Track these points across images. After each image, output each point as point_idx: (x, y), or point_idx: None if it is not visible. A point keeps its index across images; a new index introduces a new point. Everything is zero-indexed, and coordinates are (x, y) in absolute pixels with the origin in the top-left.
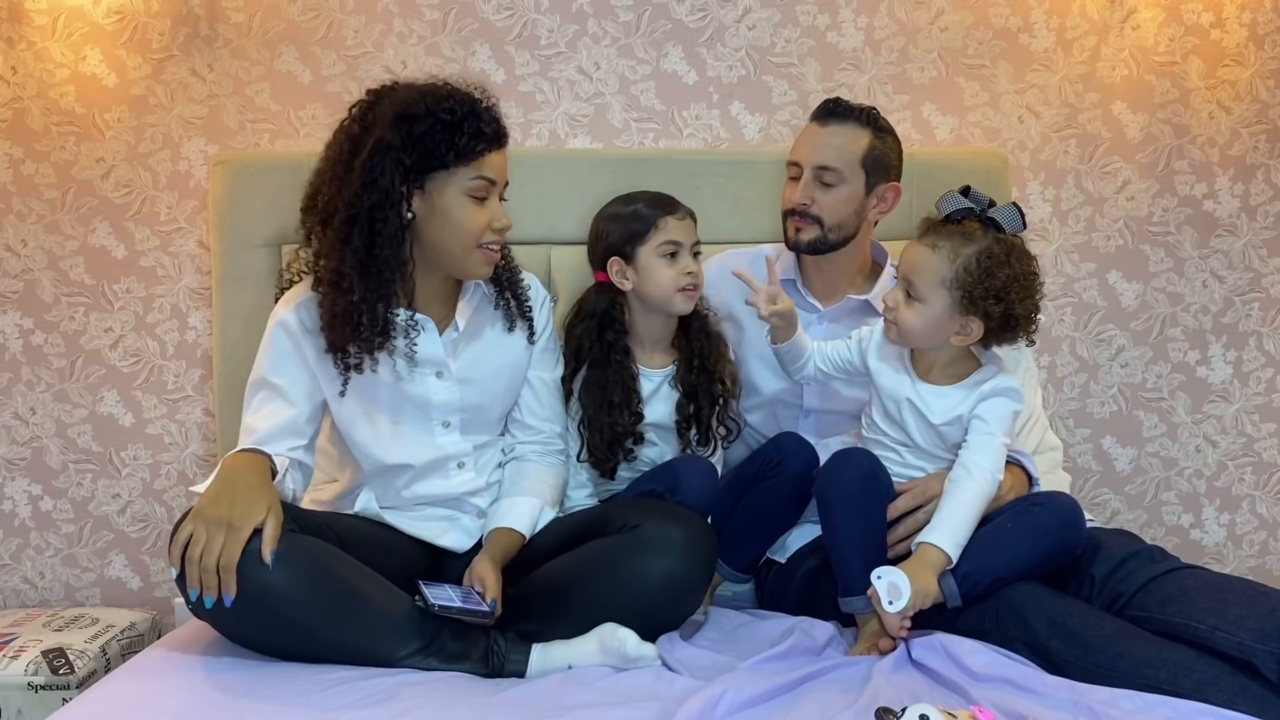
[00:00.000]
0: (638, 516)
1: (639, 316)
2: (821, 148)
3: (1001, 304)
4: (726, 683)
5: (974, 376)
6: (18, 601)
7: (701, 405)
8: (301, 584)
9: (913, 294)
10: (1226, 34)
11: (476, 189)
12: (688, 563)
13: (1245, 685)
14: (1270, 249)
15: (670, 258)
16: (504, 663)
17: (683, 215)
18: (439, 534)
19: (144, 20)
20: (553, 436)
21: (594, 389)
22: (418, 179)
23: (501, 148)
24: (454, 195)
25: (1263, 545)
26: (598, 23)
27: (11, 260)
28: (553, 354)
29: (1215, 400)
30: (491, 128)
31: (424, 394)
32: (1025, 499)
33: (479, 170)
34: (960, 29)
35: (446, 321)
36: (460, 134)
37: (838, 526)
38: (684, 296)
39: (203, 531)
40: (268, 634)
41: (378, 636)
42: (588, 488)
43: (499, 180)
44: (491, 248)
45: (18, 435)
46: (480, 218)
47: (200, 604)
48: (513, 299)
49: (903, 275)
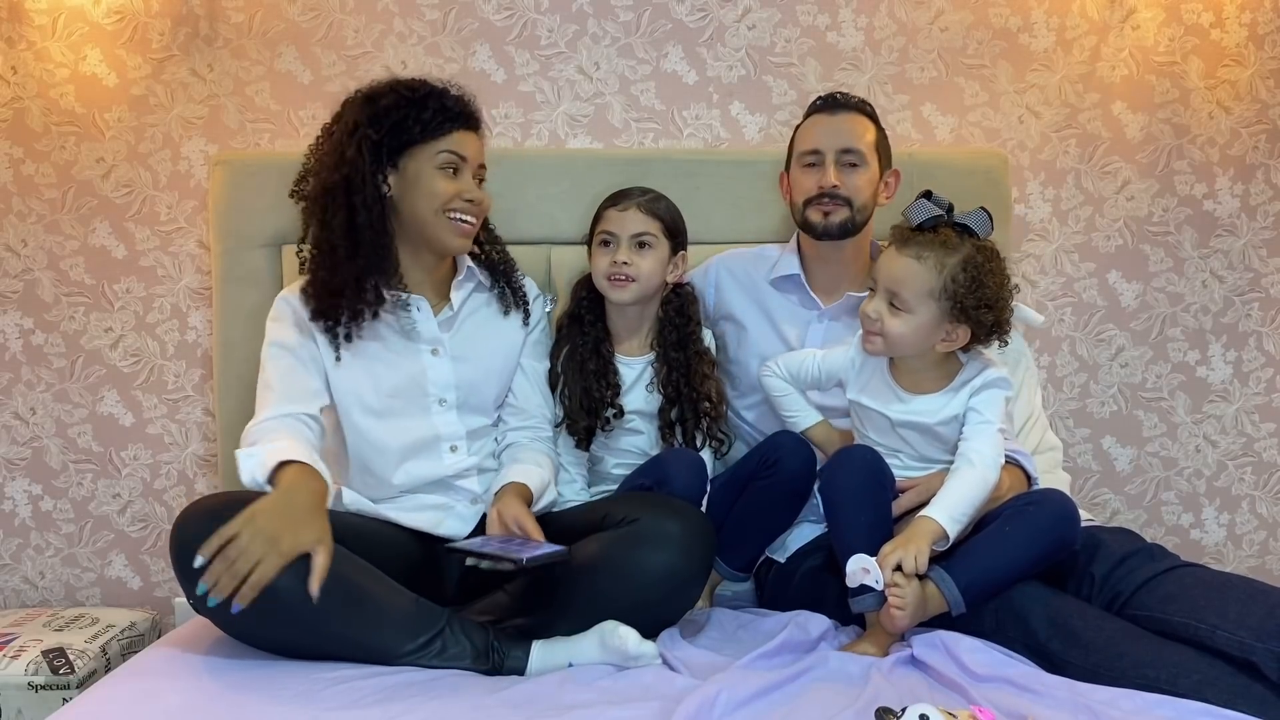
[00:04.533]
0: (636, 510)
1: (608, 304)
2: (842, 132)
3: (991, 311)
4: (721, 682)
5: (961, 376)
6: (18, 601)
7: (686, 416)
8: (301, 578)
9: (898, 305)
10: (1226, 34)
11: (445, 162)
12: (686, 556)
13: (1246, 685)
14: (1270, 249)
15: (605, 246)
16: (504, 659)
17: (625, 207)
18: (435, 523)
19: (144, 20)
20: (543, 423)
21: (572, 361)
22: (391, 158)
23: (471, 129)
24: (424, 167)
25: (1262, 545)
26: (598, 23)
27: (11, 260)
28: (544, 346)
29: (1215, 400)
30: (458, 107)
31: (420, 370)
32: (1018, 499)
33: (446, 145)
34: (960, 29)
35: (441, 303)
36: (424, 109)
37: (843, 523)
38: (611, 285)
39: (248, 539)
40: (270, 630)
41: (380, 632)
42: (578, 483)
43: (469, 158)
44: (464, 220)
45: (18, 435)
46: (449, 186)
47: (203, 601)
48: (507, 286)
49: (885, 286)
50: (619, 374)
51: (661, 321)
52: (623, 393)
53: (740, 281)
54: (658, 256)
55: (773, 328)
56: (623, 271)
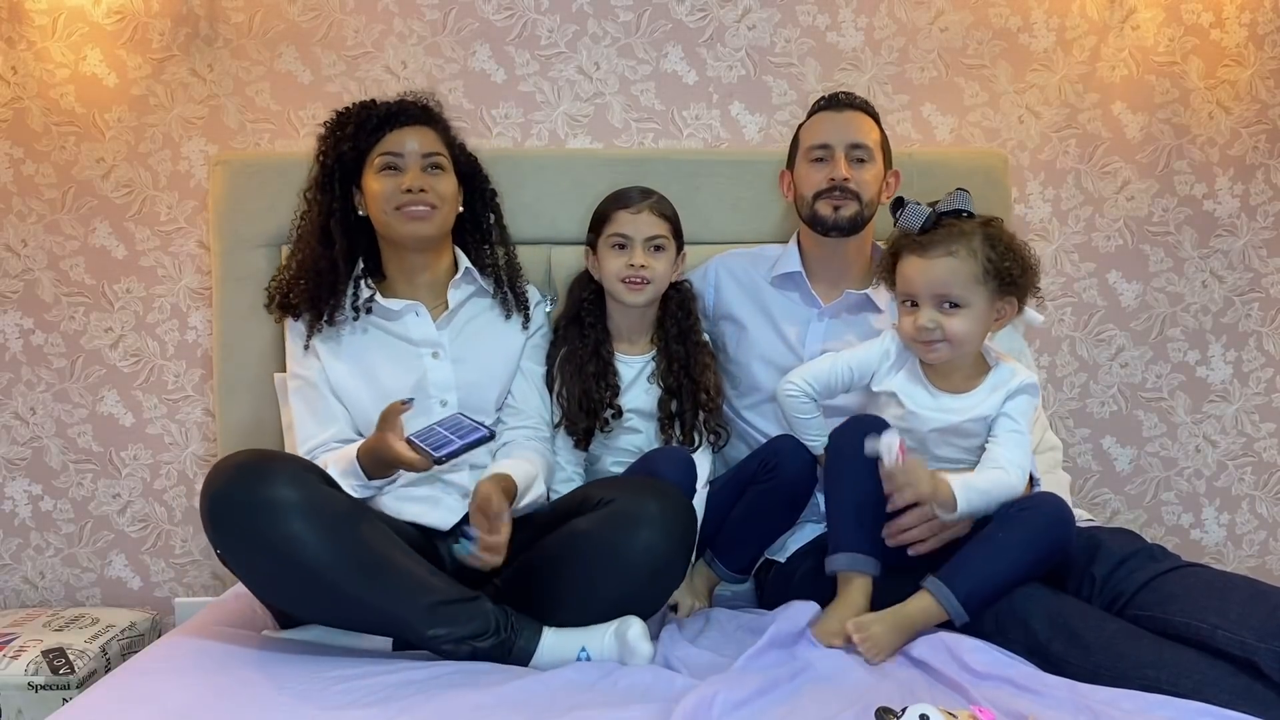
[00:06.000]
0: (613, 492)
1: (611, 305)
2: (850, 128)
3: (1028, 268)
4: (719, 683)
5: (993, 378)
6: (18, 601)
7: (685, 408)
8: (325, 537)
9: (955, 303)
10: (1226, 34)
11: (381, 165)
12: (666, 535)
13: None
14: (1270, 249)
15: (618, 249)
16: (516, 637)
17: (638, 209)
18: (421, 514)
19: (144, 20)
20: (541, 424)
21: (571, 361)
22: (353, 180)
23: (408, 125)
24: (371, 178)
25: (1263, 545)
26: (598, 23)
27: (11, 260)
28: (544, 350)
29: (1215, 400)
30: (386, 109)
31: (421, 373)
32: (1012, 504)
33: (380, 148)
34: (960, 29)
35: (440, 309)
36: (349, 125)
37: (841, 484)
38: (626, 288)
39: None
40: (289, 587)
41: (399, 598)
42: (575, 481)
43: (408, 152)
44: (411, 209)
45: (18, 435)
46: (389, 184)
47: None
48: (510, 292)
49: (931, 294)
50: (619, 375)
51: (662, 317)
52: (622, 391)
53: (740, 281)
54: (669, 258)
55: (773, 327)
56: (640, 275)
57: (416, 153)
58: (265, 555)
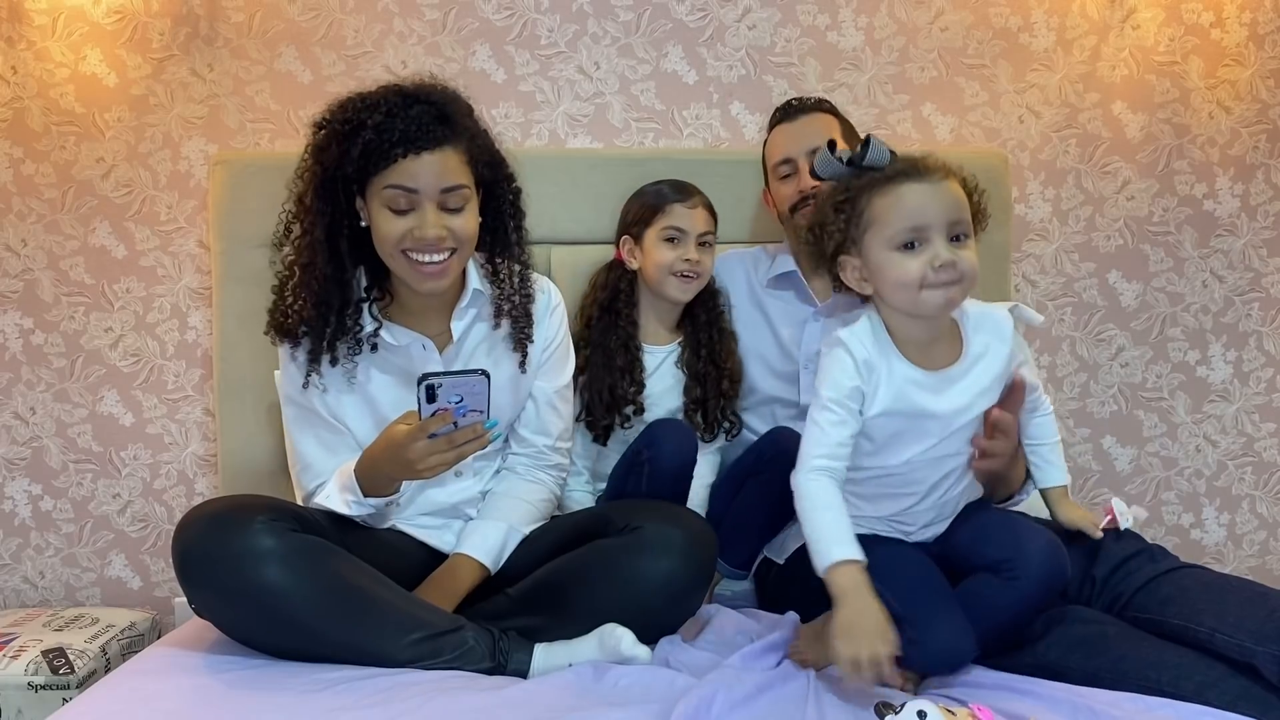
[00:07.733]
0: (639, 517)
1: (644, 296)
2: (806, 134)
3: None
4: (718, 683)
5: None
6: (18, 601)
7: (709, 396)
8: (304, 583)
9: (965, 234)
10: (1226, 34)
11: (388, 200)
12: (688, 563)
13: (1247, 687)
14: (1270, 249)
15: (670, 243)
16: (508, 660)
17: (694, 204)
18: (427, 536)
19: (144, 20)
20: (545, 450)
21: (600, 354)
22: (355, 185)
23: (428, 149)
24: (378, 208)
25: (1263, 545)
26: (598, 23)
27: (11, 260)
28: (561, 361)
29: (1215, 400)
30: (399, 132)
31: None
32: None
33: (390, 179)
34: (960, 29)
35: (445, 340)
36: (357, 149)
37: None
38: (678, 282)
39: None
40: (270, 634)
41: (381, 636)
42: (584, 474)
43: (423, 188)
44: (421, 260)
45: (18, 435)
46: (395, 226)
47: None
48: (511, 322)
49: (945, 221)
50: (644, 369)
51: (692, 305)
52: (647, 380)
53: (736, 283)
54: (713, 255)
55: (769, 328)
56: (695, 269)
57: (434, 187)
58: (243, 606)
